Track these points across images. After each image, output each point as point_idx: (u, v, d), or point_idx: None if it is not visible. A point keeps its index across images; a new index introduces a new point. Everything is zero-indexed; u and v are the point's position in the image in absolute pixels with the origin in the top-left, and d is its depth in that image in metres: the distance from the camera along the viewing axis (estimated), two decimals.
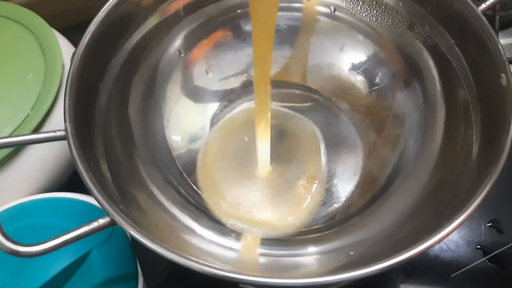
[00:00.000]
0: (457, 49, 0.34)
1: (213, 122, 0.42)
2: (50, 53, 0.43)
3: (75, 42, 0.47)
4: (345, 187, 0.39)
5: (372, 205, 0.36)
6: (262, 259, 0.34)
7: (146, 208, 0.32)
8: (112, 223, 0.26)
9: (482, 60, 0.32)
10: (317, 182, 0.39)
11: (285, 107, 0.43)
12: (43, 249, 0.24)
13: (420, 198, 0.33)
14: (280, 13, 0.41)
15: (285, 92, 0.44)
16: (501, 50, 0.30)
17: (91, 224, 0.25)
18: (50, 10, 0.49)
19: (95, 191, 0.26)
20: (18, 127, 0.39)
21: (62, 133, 0.28)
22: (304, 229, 0.36)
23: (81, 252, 0.35)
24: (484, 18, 0.31)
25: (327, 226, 0.37)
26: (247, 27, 0.42)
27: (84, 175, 0.26)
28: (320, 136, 0.41)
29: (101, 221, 0.26)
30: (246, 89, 0.44)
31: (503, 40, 0.47)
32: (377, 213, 0.35)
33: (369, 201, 0.36)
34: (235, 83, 0.43)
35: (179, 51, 0.41)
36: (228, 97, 0.43)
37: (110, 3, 0.34)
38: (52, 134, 0.28)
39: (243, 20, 0.42)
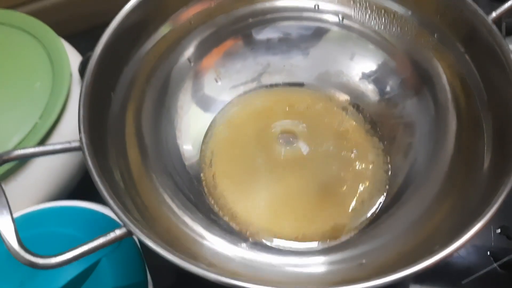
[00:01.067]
0: (467, 57, 0.34)
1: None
2: (57, 62, 0.43)
3: (80, 49, 0.47)
4: None
5: (384, 214, 0.36)
6: (272, 268, 0.34)
7: (158, 217, 0.32)
8: (129, 234, 0.26)
9: (493, 69, 0.32)
10: (333, 192, 0.39)
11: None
12: (61, 261, 0.24)
13: (432, 207, 0.33)
14: (291, 23, 0.42)
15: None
16: None
17: (107, 235, 0.25)
18: (55, 17, 0.49)
19: (111, 202, 0.26)
20: (26, 136, 0.39)
21: (76, 143, 0.28)
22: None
23: (91, 261, 0.36)
24: (495, 27, 0.31)
25: None
26: (257, 36, 0.42)
27: (101, 187, 0.26)
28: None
29: (118, 232, 0.26)
30: None
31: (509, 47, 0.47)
32: (389, 222, 0.35)
33: (382, 209, 0.36)
34: (243, 91, 0.43)
35: (188, 60, 0.41)
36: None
37: (122, 13, 0.34)
38: (67, 145, 0.28)
39: (254, 30, 0.42)
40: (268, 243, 0.36)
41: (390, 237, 0.33)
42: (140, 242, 0.30)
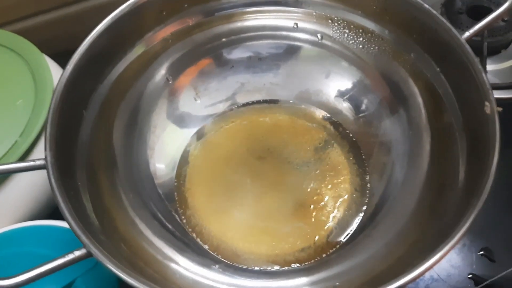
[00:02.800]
0: (442, 76, 0.34)
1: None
2: (40, 80, 0.43)
3: None
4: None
5: (360, 235, 0.35)
6: None
7: (127, 238, 0.32)
8: (89, 254, 0.25)
9: (467, 88, 0.32)
10: (308, 211, 0.38)
11: None
12: (16, 283, 0.24)
13: (407, 226, 0.33)
14: (266, 41, 0.42)
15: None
16: (485, 78, 0.30)
17: (66, 256, 0.25)
18: (42, 36, 0.49)
19: (71, 222, 0.26)
20: (6, 153, 0.39)
21: (42, 162, 0.28)
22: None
23: (66, 282, 0.35)
24: (467, 46, 0.31)
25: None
26: (233, 55, 0.42)
27: (62, 205, 0.26)
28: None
29: (77, 253, 0.25)
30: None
31: (492, 66, 0.46)
32: (365, 243, 0.34)
33: (358, 230, 0.36)
34: (222, 108, 0.43)
35: (167, 78, 0.41)
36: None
37: (95, 32, 0.34)
38: (32, 163, 0.28)
39: (224, 49, 0.42)
40: (240, 265, 0.35)
41: (365, 257, 0.33)
42: None
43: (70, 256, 0.25)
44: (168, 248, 0.33)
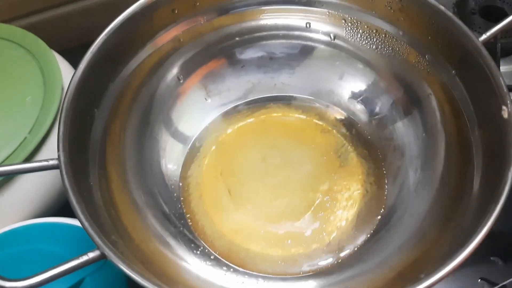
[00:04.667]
0: (458, 79, 0.34)
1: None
2: (50, 76, 0.43)
3: (76, 64, 0.47)
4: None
5: (373, 238, 0.35)
6: None
7: (139, 238, 0.32)
8: (102, 256, 0.25)
9: (483, 91, 0.31)
10: (321, 214, 0.38)
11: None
12: (30, 285, 0.24)
13: (420, 231, 0.33)
14: (279, 41, 0.42)
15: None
16: (503, 82, 0.30)
17: (80, 258, 0.25)
18: (51, 31, 0.49)
19: (86, 224, 0.26)
20: (15, 150, 0.39)
21: (54, 162, 0.28)
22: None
23: (74, 280, 0.35)
24: (484, 50, 0.31)
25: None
26: (245, 55, 0.42)
27: (76, 207, 0.26)
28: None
29: (91, 255, 0.25)
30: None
31: (505, 67, 0.46)
32: (377, 247, 0.34)
33: (372, 233, 0.36)
34: (233, 108, 0.43)
35: (178, 77, 0.41)
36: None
37: (108, 30, 0.34)
38: (45, 163, 0.28)
39: (237, 49, 0.42)
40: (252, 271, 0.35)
41: (376, 262, 0.33)
42: None
43: (84, 258, 0.25)
44: (179, 247, 0.33)
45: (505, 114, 0.29)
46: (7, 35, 0.46)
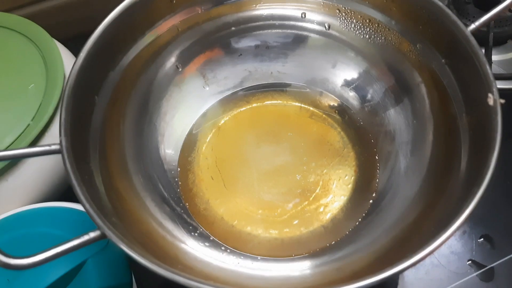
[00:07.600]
0: (447, 68, 0.34)
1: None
2: (51, 64, 0.44)
3: (76, 53, 0.48)
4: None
5: (364, 221, 0.36)
6: (254, 272, 0.35)
7: (139, 221, 0.33)
8: (103, 236, 0.26)
9: (471, 79, 0.32)
10: (314, 198, 0.39)
11: None
12: (33, 262, 0.25)
13: (408, 213, 0.33)
14: (275, 31, 0.42)
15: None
16: (489, 70, 0.30)
17: (81, 237, 0.26)
18: (52, 20, 0.49)
19: (87, 205, 0.27)
20: (18, 137, 0.40)
21: (56, 147, 0.29)
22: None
23: (77, 262, 0.36)
24: (472, 38, 0.31)
25: None
26: (241, 44, 0.43)
27: (77, 189, 0.27)
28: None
29: (92, 235, 0.26)
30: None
31: (497, 57, 0.47)
32: (367, 228, 0.35)
33: (363, 217, 0.37)
34: (230, 95, 0.44)
35: (176, 66, 0.41)
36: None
37: (108, 19, 0.34)
38: (47, 148, 0.29)
39: (232, 39, 0.42)
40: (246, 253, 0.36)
41: (366, 242, 0.34)
42: None
43: (85, 238, 0.26)
44: (177, 230, 0.34)
45: (491, 101, 0.30)
46: (9, 24, 0.46)
